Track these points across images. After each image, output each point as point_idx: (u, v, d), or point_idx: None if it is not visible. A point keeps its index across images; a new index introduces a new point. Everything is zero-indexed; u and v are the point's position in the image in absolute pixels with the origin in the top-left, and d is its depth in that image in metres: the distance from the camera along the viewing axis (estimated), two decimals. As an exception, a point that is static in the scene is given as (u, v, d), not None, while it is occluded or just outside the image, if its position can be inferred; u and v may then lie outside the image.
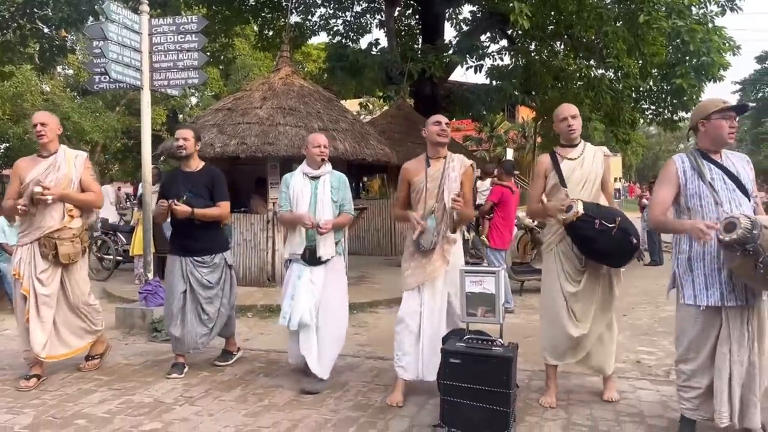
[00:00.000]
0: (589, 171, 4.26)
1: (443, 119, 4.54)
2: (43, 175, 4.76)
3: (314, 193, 4.77)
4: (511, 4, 9.96)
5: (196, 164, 5.17)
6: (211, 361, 5.34)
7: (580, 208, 3.96)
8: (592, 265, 4.19)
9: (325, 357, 4.71)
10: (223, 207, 5.09)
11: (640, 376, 5.08)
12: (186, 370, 5.05)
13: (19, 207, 4.63)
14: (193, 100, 33.68)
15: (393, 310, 7.96)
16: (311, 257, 4.71)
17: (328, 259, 4.75)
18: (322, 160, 4.83)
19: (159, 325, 6.45)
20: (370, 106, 26.44)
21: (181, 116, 30.82)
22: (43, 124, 4.85)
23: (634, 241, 4.03)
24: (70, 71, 30.47)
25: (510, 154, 26.68)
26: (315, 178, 4.82)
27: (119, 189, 21.67)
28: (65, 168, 4.87)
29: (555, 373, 4.44)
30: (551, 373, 4.42)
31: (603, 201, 4.32)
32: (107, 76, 6.49)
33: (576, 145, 4.37)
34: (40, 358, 4.79)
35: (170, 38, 6.67)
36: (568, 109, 4.41)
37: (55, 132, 4.96)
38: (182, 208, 4.86)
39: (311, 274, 4.72)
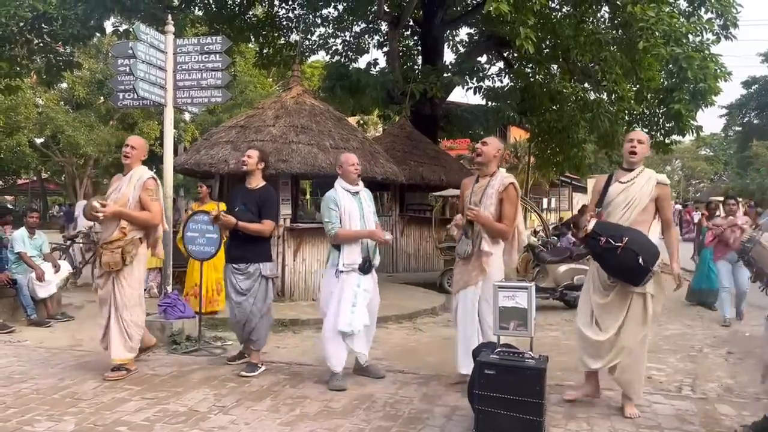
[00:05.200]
0: (634, 196, 4.46)
1: (483, 139, 5.09)
2: (111, 193, 5.41)
3: (361, 207, 5.25)
4: (507, 27, 10.29)
5: (257, 182, 5.59)
6: (236, 373, 5.48)
7: (590, 227, 4.29)
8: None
9: (364, 350, 5.40)
10: (266, 224, 5.45)
11: (653, 391, 5.24)
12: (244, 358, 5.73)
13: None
14: (187, 116, 33.76)
15: (403, 326, 8.16)
16: (367, 267, 5.20)
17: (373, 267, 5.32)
18: (358, 176, 5.29)
19: (178, 338, 6.58)
20: (365, 125, 26.70)
21: (175, 131, 30.86)
22: (132, 147, 5.45)
23: (642, 261, 4.19)
24: (64, 85, 30.49)
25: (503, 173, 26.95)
26: (355, 193, 5.28)
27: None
28: (126, 188, 5.36)
29: (590, 378, 4.82)
30: (587, 377, 4.85)
31: (655, 225, 4.52)
32: (131, 93, 6.66)
33: (633, 170, 4.57)
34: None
35: (194, 58, 6.84)
36: (637, 134, 4.70)
37: (139, 157, 5.50)
38: (227, 218, 5.34)
39: (365, 282, 5.20)
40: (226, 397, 4.86)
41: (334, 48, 17.97)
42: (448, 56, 22.52)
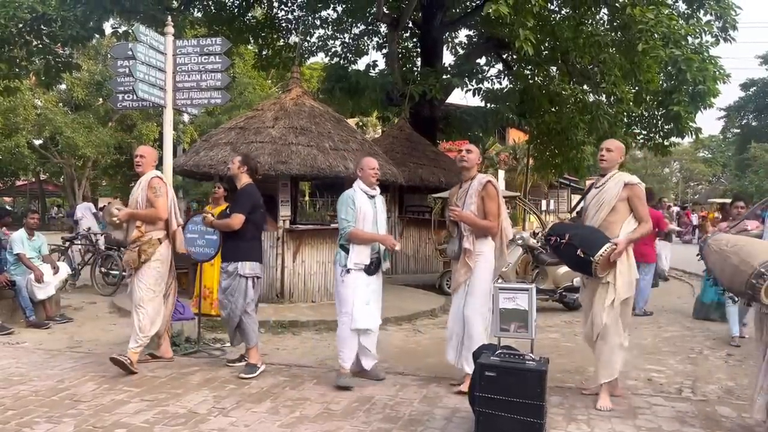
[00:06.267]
0: (603, 198, 4.76)
1: (465, 147, 5.28)
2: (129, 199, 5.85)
3: (375, 211, 5.40)
4: (506, 29, 10.30)
5: (240, 184, 5.76)
6: (236, 375, 5.47)
7: (548, 228, 4.82)
8: None
9: (372, 350, 5.52)
10: (232, 218, 5.57)
11: (653, 393, 5.25)
12: (243, 360, 5.73)
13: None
14: (186, 117, 33.76)
15: (402, 328, 8.16)
16: (375, 267, 5.35)
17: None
18: (377, 180, 5.47)
19: (177, 339, 6.57)
20: (365, 127, 26.72)
21: (174, 133, 30.81)
22: (142, 156, 5.77)
23: (581, 254, 4.51)
24: (63, 86, 30.47)
25: (501, 175, 27.02)
26: (372, 197, 5.44)
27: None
28: (135, 192, 5.74)
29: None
30: None
31: (627, 224, 4.71)
32: (131, 95, 6.64)
33: (605, 175, 4.87)
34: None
35: (194, 59, 6.82)
36: (607, 143, 4.99)
37: (150, 164, 5.82)
38: (207, 218, 5.79)
39: (371, 283, 5.37)
40: (226, 398, 4.85)
41: (333, 50, 17.95)
42: (448, 58, 22.63)
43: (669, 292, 11.68)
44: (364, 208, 5.32)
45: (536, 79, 14.79)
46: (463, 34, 18.14)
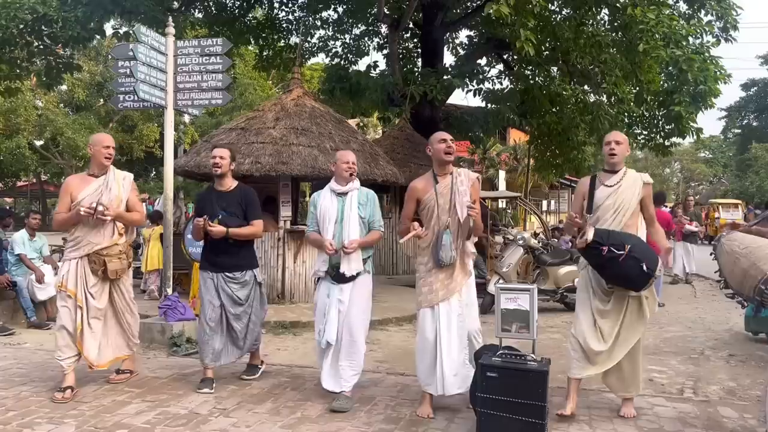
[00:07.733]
0: (622, 199, 4.37)
1: (448, 136, 4.64)
2: (95, 195, 4.91)
3: (341, 210, 4.79)
4: (507, 29, 10.31)
5: (230, 184, 5.25)
6: (237, 375, 5.47)
7: (589, 236, 4.14)
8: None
9: (343, 374, 4.75)
10: (257, 225, 5.21)
11: (655, 394, 5.23)
12: (214, 384, 5.09)
13: (83, 212, 4.75)
14: (186, 118, 33.77)
15: (403, 328, 8.14)
16: (337, 275, 4.74)
17: (355, 277, 4.76)
18: (351, 175, 4.85)
19: (178, 340, 6.57)
20: (365, 128, 26.76)
21: (175, 134, 30.81)
22: (114, 148, 5.10)
23: (645, 268, 4.12)
24: (64, 87, 30.50)
25: (502, 175, 27.02)
26: (342, 194, 4.85)
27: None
28: (116, 189, 5.02)
29: (576, 387, 4.55)
30: (572, 387, 4.53)
31: (643, 229, 4.48)
32: (132, 96, 6.66)
33: (617, 172, 4.48)
34: (93, 366, 5.00)
35: (195, 60, 6.84)
36: (614, 135, 4.57)
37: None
38: (217, 228, 4.95)
39: (340, 292, 4.75)
40: (227, 399, 4.85)
41: (333, 50, 17.96)
42: (448, 58, 22.57)
43: (669, 292, 11.66)
44: (325, 207, 4.83)
45: (537, 79, 14.79)
46: (463, 35, 18.19)
